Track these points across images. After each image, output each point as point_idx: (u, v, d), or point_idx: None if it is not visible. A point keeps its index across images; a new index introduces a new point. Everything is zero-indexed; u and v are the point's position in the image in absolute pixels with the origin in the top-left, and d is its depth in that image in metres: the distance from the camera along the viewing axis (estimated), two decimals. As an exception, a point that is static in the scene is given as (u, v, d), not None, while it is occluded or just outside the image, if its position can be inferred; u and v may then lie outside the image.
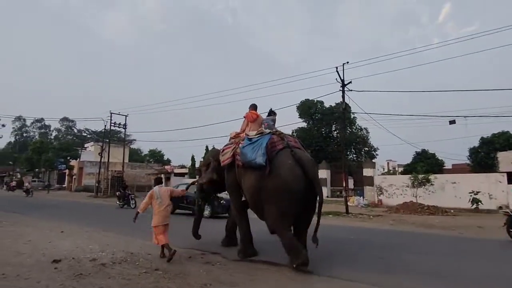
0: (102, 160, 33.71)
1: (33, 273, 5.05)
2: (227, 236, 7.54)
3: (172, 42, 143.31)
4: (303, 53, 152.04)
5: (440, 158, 28.63)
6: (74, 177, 44.04)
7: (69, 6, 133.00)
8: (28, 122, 75.80)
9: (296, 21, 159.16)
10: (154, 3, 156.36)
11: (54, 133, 76.31)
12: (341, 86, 16.51)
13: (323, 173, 25.63)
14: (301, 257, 5.33)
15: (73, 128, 69.68)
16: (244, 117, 7.08)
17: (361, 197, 21.02)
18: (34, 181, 47.81)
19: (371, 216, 14.13)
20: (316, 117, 40.42)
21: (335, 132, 39.98)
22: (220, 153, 6.89)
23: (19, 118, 73.71)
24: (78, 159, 43.78)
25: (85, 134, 59.03)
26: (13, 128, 75.16)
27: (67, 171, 44.32)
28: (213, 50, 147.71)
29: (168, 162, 55.18)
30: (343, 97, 16.41)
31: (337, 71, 16.44)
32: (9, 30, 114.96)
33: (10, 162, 55.48)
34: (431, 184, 18.37)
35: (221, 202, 12.58)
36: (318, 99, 37.09)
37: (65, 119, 70.79)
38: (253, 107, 7.13)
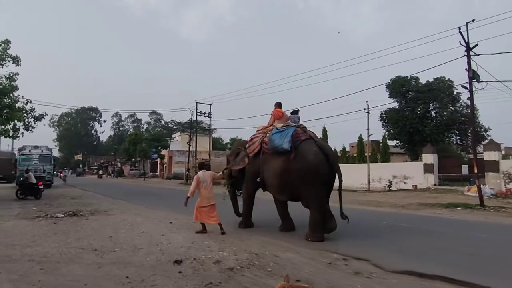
0: (189, 149, 34.99)
1: (157, 277, 4.24)
2: (283, 221, 7.84)
3: (245, 32, 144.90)
4: (380, 31, 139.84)
5: None
6: (165, 165, 47.15)
7: (149, 10, 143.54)
8: (123, 117, 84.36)
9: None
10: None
11: (145, 126, 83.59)
12: (465, 51, 13.44)
13: (429, 158, 22.19)
14: (319, 236, 6.51)
15: (161, 120, 75.18)
16: (271, 114, 7.70)
17: (486, 186, 17.42)
18: (132, 169, 52.73)
19: (519, 210, 11.16)
20: (409, 96, 36.01)
21: (433, 111, 35.03)
22: (248, 142, 7.71)
23: (116, 114, 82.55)
24: (168, 148, 46.63)
25: (171, 126, 63.03)
26: (112, 123, 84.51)
27: (158, 160, 47.64)
28: (286, 36, 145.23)
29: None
30: (468, 63, 13.32)
31: (460, 32, 13.39)
32: (105, 41, 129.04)
33: (112, 153, 62.24)
34: None
35: None
36: (414, 75, 32.61)
37: (153, 112, 76.74)
38: (278, 105, 7.75)
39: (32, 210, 11.36)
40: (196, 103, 32.41)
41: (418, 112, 35.06)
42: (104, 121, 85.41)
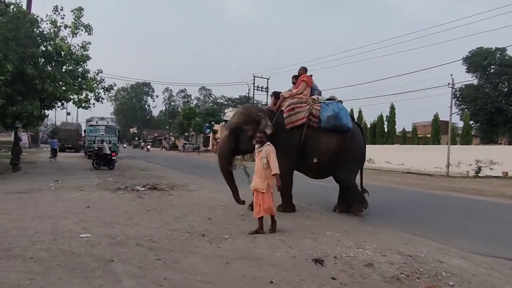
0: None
1: (310, 284, 3.18)
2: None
3: (298, 5, 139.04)
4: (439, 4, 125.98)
5: None
6: (217, 140, 47.22)
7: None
8: (174, 93, 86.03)
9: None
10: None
11: (194, 102, 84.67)
12: None
13: (527, 141, 19.06)
14: (366, 204, 6.72)
15: (210, 95, 75.48)
16: (304, 80, 6.88)
17: None
18: (186, 143, 53.80)
19: None
20: (491, 71, 31.63)
21: (522, 87, 30.59)
22: (288, 111, 6.42)
23: (167, 89, 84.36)
24: (221, 123, 46.48)
25: (221, 101, 62.86)
26: (163, 98, 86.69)
27: (211, 134, 47.85)
28: (341, 9, 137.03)
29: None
30: None
31: None
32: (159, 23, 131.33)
33: (167, 127, 63.98)
34: None
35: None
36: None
37: (203, 88, 77.18)
38: (305, 70, 7.11)
39: (109, 180, 11.17)
40: (254, 76, 31.27)
41: (503, 89, 30.94)
42: (157, 96, 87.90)
